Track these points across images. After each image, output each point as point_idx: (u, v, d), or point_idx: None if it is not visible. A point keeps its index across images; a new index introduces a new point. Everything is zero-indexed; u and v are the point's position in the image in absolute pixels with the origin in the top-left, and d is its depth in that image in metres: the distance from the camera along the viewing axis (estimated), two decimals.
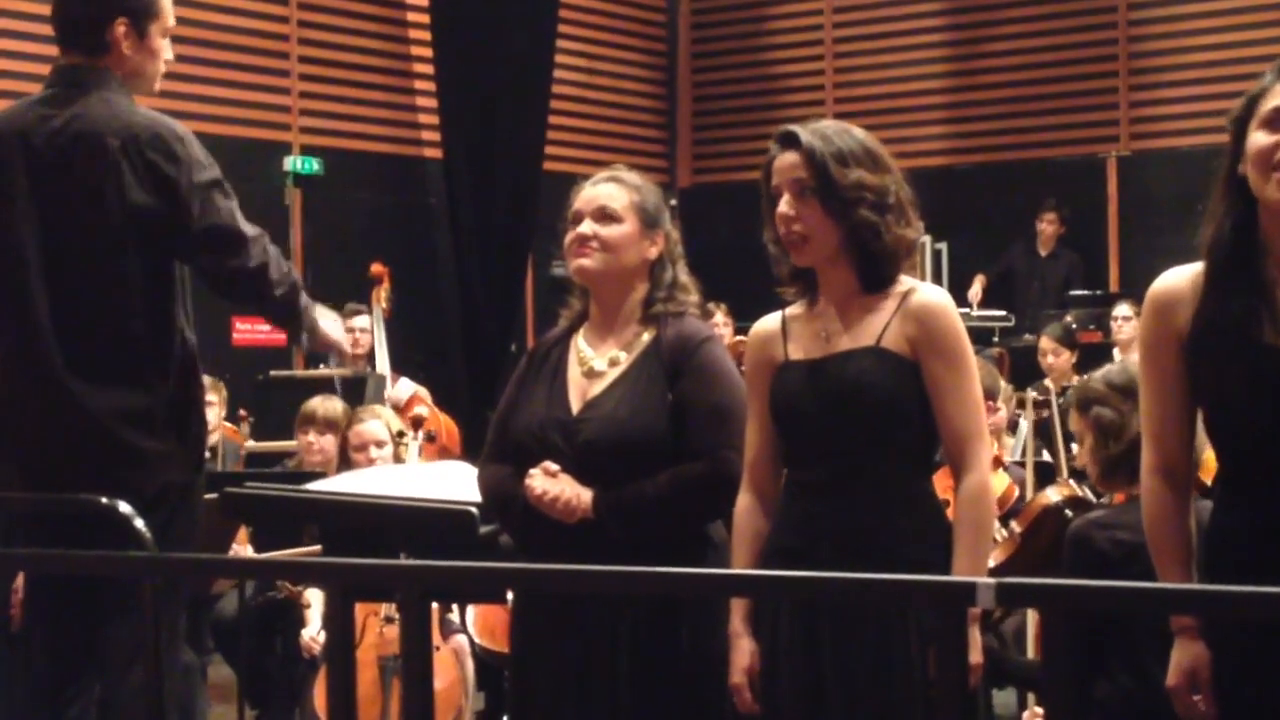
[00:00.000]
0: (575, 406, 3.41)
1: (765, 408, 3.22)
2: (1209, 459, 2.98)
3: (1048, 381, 8.33)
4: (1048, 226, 11.29)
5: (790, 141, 3.15)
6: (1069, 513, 4.30)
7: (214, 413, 7.09)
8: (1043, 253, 11.36)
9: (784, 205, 3.13)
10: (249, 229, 3.78)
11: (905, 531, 3.09)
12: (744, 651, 3.19)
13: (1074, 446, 6.08)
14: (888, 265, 3.15)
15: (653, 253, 3.46)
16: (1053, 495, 4.54)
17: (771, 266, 3.26)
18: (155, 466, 3.75)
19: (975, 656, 3.03)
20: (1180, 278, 2.86)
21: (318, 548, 3.67)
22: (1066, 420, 5.20)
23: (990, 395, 5.33)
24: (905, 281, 3.18)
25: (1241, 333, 2.74)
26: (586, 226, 3.43)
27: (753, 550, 3.22)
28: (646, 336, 3.44)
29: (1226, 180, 2.82)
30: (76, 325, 3.75)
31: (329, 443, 6.13)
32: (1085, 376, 3.96)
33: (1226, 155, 2.84)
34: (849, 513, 3.09)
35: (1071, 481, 4.70)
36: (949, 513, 3.19)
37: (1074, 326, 9.41)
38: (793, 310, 3.26)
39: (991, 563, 4.21)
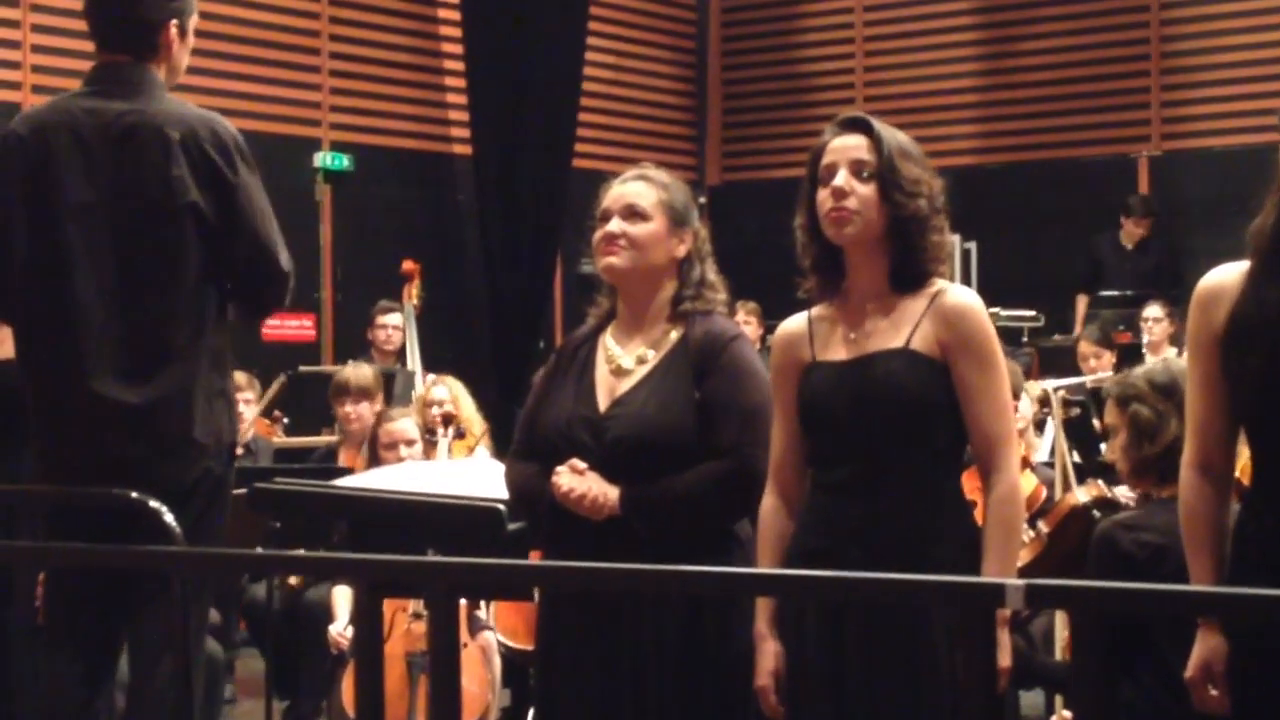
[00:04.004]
0: (603, 404, 3.41)
1: (791, 408, 3.21)
2: (1246, 460, 2.98)
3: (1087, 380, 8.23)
4: (1137, 228, 10.87)
5: (856, 125, 3.17)
6: (1097, 513, 4.29)
7: (250, 410, 7.14)
8: (1128, 246, 10.96)
9: (841, 179, 3.12)
10: (280, 241, 3.86)
11: (933, 533, 3.08)
12: (769, 654, 3.19)
13: (1102, 447, 6.05)
14: (924, 263, 3.15)
15: (681, 251, 3.46)
16: (1080, 495, 4.52)
17: (797, 255, 3.25)
18: (191, 457, 3.78)
19: (1004, 660, 3.01)
20: (1227, 274, 2.87)
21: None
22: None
23: (1013, 395, 5.31)
24: (935, 282, 3.17)
25: (1270, 325, 2.75)
26: (615, 224, 3.43)
27: (778, 551, 3.21)
28: (674, 335, 3.43)
29: None
30: (120, 316, 3.77)
31: (365, 410, 6.30)
32: (1127, 370, 3.95)
33: None
34: (876, 514, 3.08)
35: (1100, 482, 4.68)
36: (977, 514, 3.18)
37: (1107, 327, 9.34)
38: (819, 310, 3.25)
39: (1018, 563, 4.20)
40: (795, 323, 3.27)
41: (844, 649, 3.08)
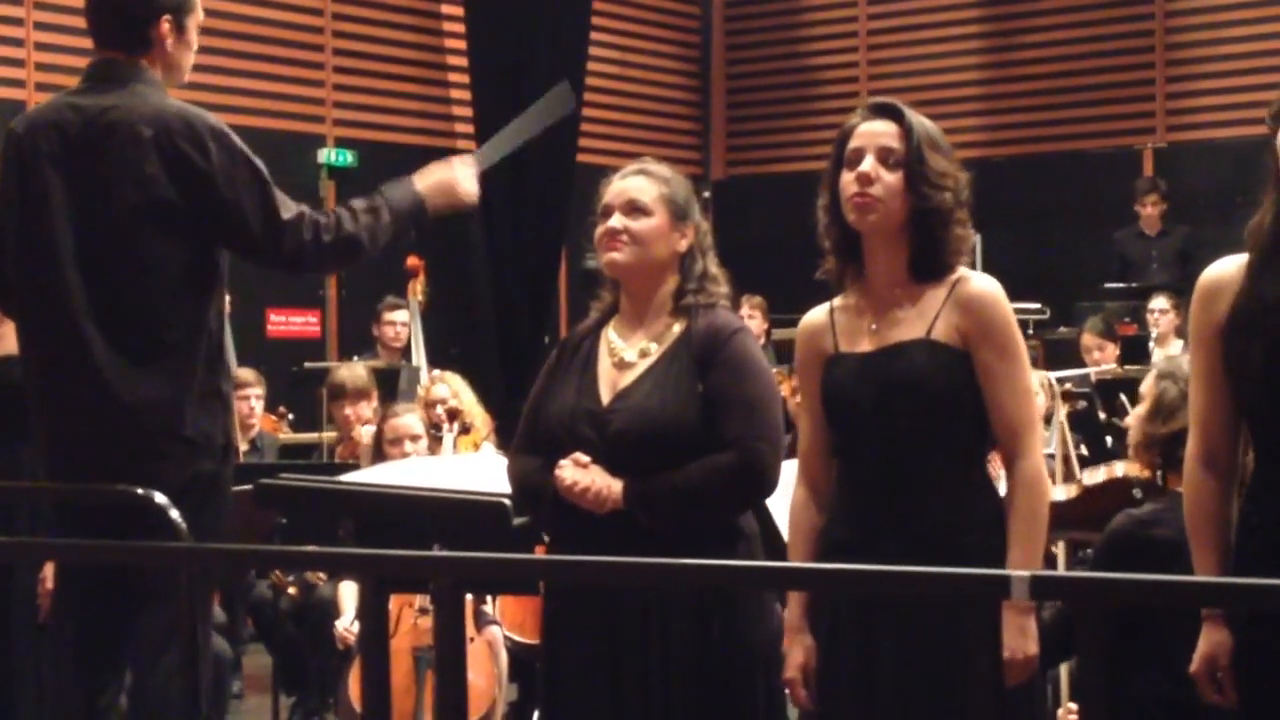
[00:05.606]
0: (605, 398, 3.40)
1: (817, 400, 3.21)
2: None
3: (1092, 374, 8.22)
4: (1151, 209, 10.84)
5: (887, 112, 3.17)
6: (1137, 493, 4.29)
7: (258, 405, 7.17)
8: (1150, 233, 10.93)
9: (867, 165, 3.11)
10: (285, 214, 3.80)
11: (964, 521, 3.07)
12: (801, 647, 3.18)
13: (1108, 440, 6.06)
14: (945, 255, 3.15)
15: (682, 245, 3.46)
16: (1121, 469, 4.54)
17: (818, 236, 3.23)
18: (182, 457, 3.76)
19: (1030, 647, 3.00)
20: (1228, 267, 2.88)
21: None
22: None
23: None
24: (957, 270, 3.17)
25: (1270, 318, 2.75)
26: (616, 220, 3.43)
27: (809, 543, 3.20)
28: (677, 328, 3.43)
29: (1277, 171, 2.83)
30: (107, 314, 3.77)
31: (365, 410, 6.41)
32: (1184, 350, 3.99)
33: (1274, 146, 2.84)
34: (905, 505, 3.07)
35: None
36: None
37: (1110, 319, 9.32)
38: (840, 301, 3.25)
39: (1061, 495, 4.40)
40: (817, 315, 3.27)
41: (868, 641, 3.06)
